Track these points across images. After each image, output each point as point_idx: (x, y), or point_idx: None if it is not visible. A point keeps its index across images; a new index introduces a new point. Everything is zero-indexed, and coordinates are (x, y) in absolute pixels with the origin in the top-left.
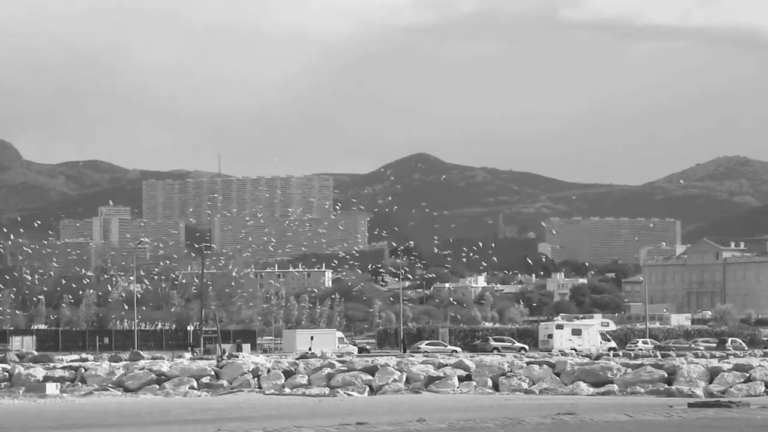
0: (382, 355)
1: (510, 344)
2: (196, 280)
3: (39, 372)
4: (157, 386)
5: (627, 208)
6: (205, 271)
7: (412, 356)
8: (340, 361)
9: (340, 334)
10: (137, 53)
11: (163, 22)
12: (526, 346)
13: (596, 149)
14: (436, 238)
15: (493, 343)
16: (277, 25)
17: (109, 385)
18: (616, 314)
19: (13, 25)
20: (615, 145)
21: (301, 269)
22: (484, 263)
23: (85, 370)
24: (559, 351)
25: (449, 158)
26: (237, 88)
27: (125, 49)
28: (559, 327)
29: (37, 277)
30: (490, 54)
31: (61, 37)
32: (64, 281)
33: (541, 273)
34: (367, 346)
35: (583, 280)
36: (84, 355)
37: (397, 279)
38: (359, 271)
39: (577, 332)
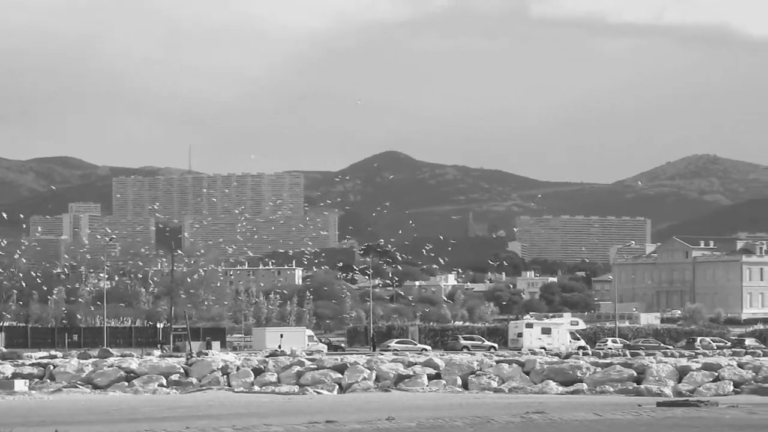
0: (351, 354)
1: (479, 343)
2: (166, 278)
3: (7, 369)
4: (126, 383)
5: (597, 207)
6: (175, 268)
7: (382, 354)
8: (309, 359)
9: (309, 332)
10: (108, 49)
11: (135, 18)
12: (496, 345)
13: (567, 147)
14: (400, 231)
15: (463, 342)
16: (250, 18)
17: (78, 382)
18: (586, 313)
19: None
20: (586, 144)
21: (271, 267)
22: (441, 261)
23: (54, 367)
24: (529, 350)
25: (420, 156)
26: (209, 83)
27: (96, 44)
28: (529, 326)
29: (5, 273)
30: (463, 50)
31: (32, 30)
32: (33, 278)
33: (512, 271)
34: (342, 345)
35: (553, 279)
36: (53, 352)
37: (367, 277)
38: (329, 269)
39: (546, 331)
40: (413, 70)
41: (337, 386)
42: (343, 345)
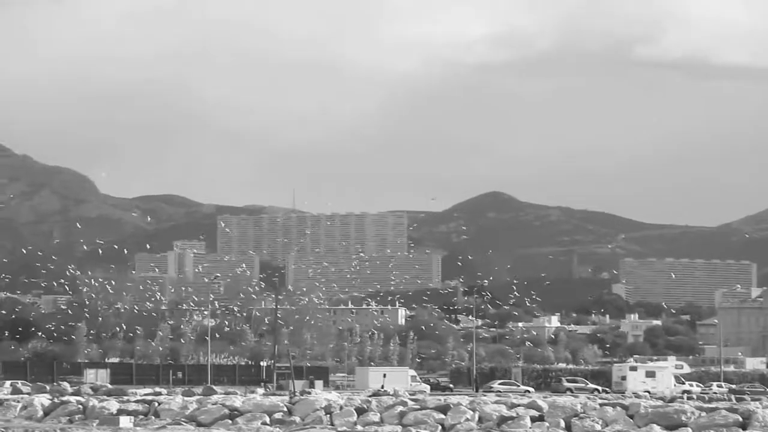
0: (454, 395)
1: (583, 385)
2: (270, 316)
3: (113, 405)
4: (230, 421)
5: (702, 250)
6: (279, 306)
7: (485, 396)
8: (412, 399)
9: (412, 372)
10: (213, 89)
11: (239, 59)
12: (600, 388)
13: (672, 189)
14: (503, 272)
15: (567, 384)
16: (351, 61)
17: (182, 419)
18: (690, 357)
19: (90, 61)
20: (690, 185)
21: (374, 306)
22: (544, 302)
23: (159, 404)
24: (633, 393)
25: (523, 197)
26: (312, 125)
27: (202, 85)
28: (633, 369)
29: (111, 310)
30: (564, 91)
31: (139, 73)
32: (138, 315)
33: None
34: (450, 385)
35: (658, 322)
36: (157, 389)
37: (470, 317)
38: (432, 309)
39: (650, 374)
40: (516, 112)
41: (440, 427)
42: (451, 385)
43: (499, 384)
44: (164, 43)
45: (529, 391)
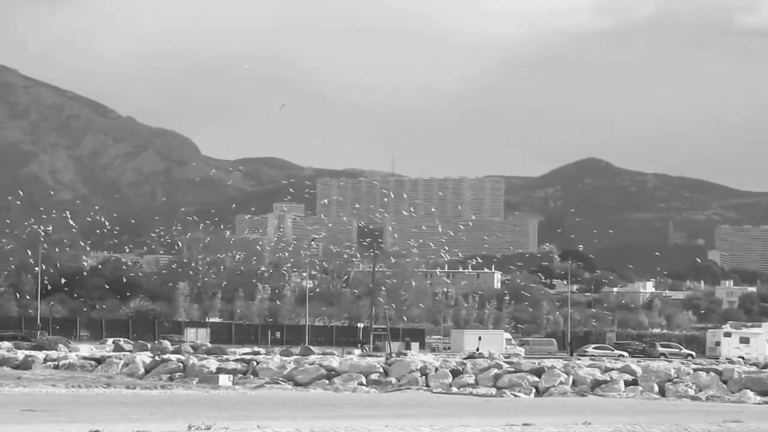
0: (548, 358)
1: (677, 350)
2: (368, 279)
3: (212, 364)
4: (327, 381)
5: None
6: (376, 269)
7: (579, 359)
8: (507, 362)
9: (507, 335)
10: (316, 55)
11: (342, 25)
12: (693, 353)
13: None
14: (599, 238)
15: (660, 349)
16: (451, 29)
17: (280, 378)
18: None
19: (194, 24)
20: None
21: (470, 270)
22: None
23: (257, 363)
24: (727, 359)
25: (620, 163)
26: (412, 91)
27: (304, 50)
28: (727, 335)
29: (212, 271)
30: (663, 59)
31: (243, 37)
32: (238, 276)
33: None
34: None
35: (753, 288)
36: (256, 349)
37: (565, 282)
38: (528, 274)
39: (745, 340)
40: (614, 79)
41: (534, 389)
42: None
43: (594, 348)
44: (267, 11)
45: (623, 356)
